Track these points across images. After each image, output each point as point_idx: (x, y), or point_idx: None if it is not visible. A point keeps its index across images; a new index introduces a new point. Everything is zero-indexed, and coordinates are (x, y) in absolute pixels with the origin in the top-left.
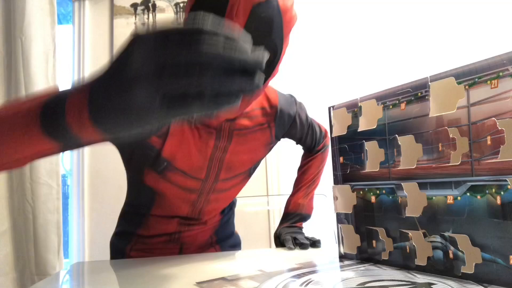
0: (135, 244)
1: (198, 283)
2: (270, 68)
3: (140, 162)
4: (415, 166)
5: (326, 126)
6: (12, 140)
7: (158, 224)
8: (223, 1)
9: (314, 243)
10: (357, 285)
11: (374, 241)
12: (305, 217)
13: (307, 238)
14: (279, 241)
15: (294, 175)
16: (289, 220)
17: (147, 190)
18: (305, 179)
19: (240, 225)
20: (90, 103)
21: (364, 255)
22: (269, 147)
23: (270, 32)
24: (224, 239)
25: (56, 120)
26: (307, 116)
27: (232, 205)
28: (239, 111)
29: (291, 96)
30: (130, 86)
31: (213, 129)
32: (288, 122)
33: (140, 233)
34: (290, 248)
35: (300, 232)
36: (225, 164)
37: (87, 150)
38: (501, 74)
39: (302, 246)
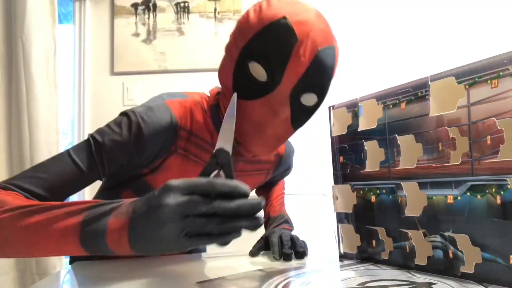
0: None
1: (198, 283)
2: (312, 112)
3: (124, 186)
4: (415, 165)
5: (326, 126)
6: (46, 247)
7: None
8: (291, 40)
9: (297, 254)
10: (357, 285)
11: (374, 241)
12: (288, 220)
13: (292, 246)
14: (265, 242)
15: (294, 175)
16: (275, 222)
17: None
18: (276, 190)
19: None
20: (130, 235)
21: (364, 255)
22: (256, 187)
23: (326, 76)
24: None
25: (96, 240)
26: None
27: None
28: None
29: (291, 145)
30: (161, 227)
31: None
32: (284, 171)
33: None
34: (274, 258)
35: (287, 235)
36: None
37: None
38: (501, 73)
39: (285, 257)
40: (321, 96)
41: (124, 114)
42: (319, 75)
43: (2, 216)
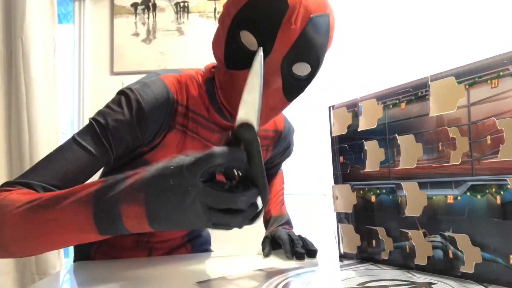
0: (99, 246)
1: (198, 283)
2: (306, 82)
3: (125, 167)
4: (415, 165)
5: (326, 126)
6: (62, 238)
7: None
8: (282, 7)
9: (310, 253)
10: (357, 285)
11: (374, 241)
12: (289, 221)
13: (304, 245)
14: (272, 241)
15: (294, 174)
16: (277, 222)
17: None
18: (276, 185)
19: None
20: (150, 217)
21: (364, 255)
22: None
23: (320, 45)
24: (195, 238)
25: (115, 228)
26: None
27: None
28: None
29: (291, 124)
30: (186, 212)
31: (212, 144)
32: (284, 151)
33: None
34: (287, 257)
35: (294, 234)
36: None
37: None
38: (501, 73)
39: (299, 255)
40: (315, 66)
41: (121, 92)
42: (311, 44)
43: (14, 213)
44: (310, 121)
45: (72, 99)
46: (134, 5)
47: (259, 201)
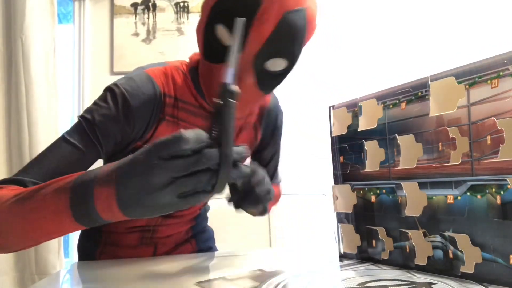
0: (104, 246)
1: (198, 283)
2: (282, 76)
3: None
4: (415, 165)
5: (326, 126)
6: (47, 230)
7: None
8: (254, 3)
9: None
10: (357, 285)
11: (374, 241)
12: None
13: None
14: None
15: (294, 174)
16: None
17: None
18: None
19: (240, 225)
20: (119, 199)
21: (364, 255)
22: (252, 148)
23: (294, 41)
24: (199, 233)
25: (88, 214)
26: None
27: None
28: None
29: (278, 103)
30: (151, 193)
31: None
32: (272, 132)
33: (106, 230)
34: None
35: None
36: None
37: None
38: (501, 73)
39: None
40: (291, 61)
41: (107, 89)
42: (286, 40)
43: (1, 208)
44: (310, 121)
45: (72, 99)
46: (134, 5)
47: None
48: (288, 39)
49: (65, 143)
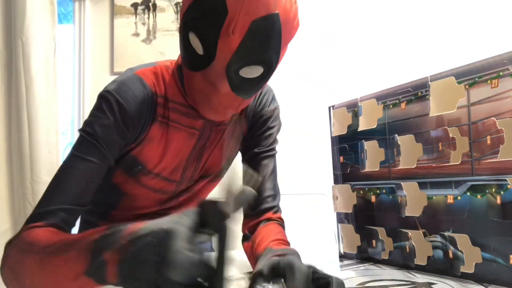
0: None
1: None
2: (262, 80)
3: (115, 166)
4: (415, 165)
5: (326, 126)
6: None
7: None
8: (221, 14)
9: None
10: (357, 284)
11: (374, 241)
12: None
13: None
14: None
15: (294, 174)
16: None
17: (113, 189)
18: (269, 231)
19: (240, 225)
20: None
21: (364, 255)
22: (239, 141)
23: (267, 47)
24: None
25: (102, 278)
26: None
27: None
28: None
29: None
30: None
31: (197, 130)
32: (261, 111)
33: (113, 220)
34: None
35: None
36: (200, 164)
37: None
38: (501, 73)
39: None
40: (268, 66)
41: (100, 97)
42: (257, 48)
43: (31, 260)
44: (310, 121)
45: (72, 99)
46: (134, 5)
47: None
48: (260, 47)
49: (78, 161)
